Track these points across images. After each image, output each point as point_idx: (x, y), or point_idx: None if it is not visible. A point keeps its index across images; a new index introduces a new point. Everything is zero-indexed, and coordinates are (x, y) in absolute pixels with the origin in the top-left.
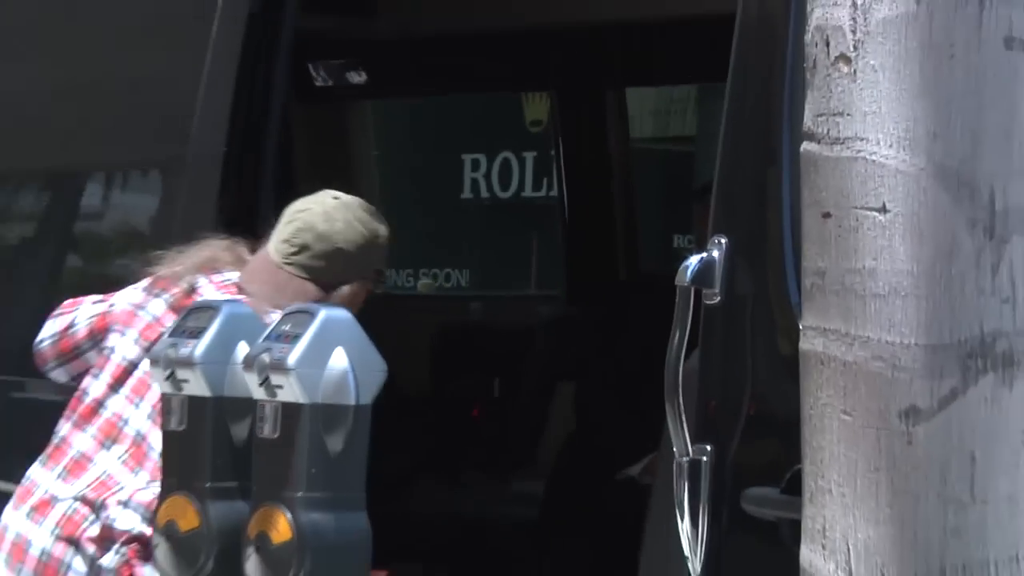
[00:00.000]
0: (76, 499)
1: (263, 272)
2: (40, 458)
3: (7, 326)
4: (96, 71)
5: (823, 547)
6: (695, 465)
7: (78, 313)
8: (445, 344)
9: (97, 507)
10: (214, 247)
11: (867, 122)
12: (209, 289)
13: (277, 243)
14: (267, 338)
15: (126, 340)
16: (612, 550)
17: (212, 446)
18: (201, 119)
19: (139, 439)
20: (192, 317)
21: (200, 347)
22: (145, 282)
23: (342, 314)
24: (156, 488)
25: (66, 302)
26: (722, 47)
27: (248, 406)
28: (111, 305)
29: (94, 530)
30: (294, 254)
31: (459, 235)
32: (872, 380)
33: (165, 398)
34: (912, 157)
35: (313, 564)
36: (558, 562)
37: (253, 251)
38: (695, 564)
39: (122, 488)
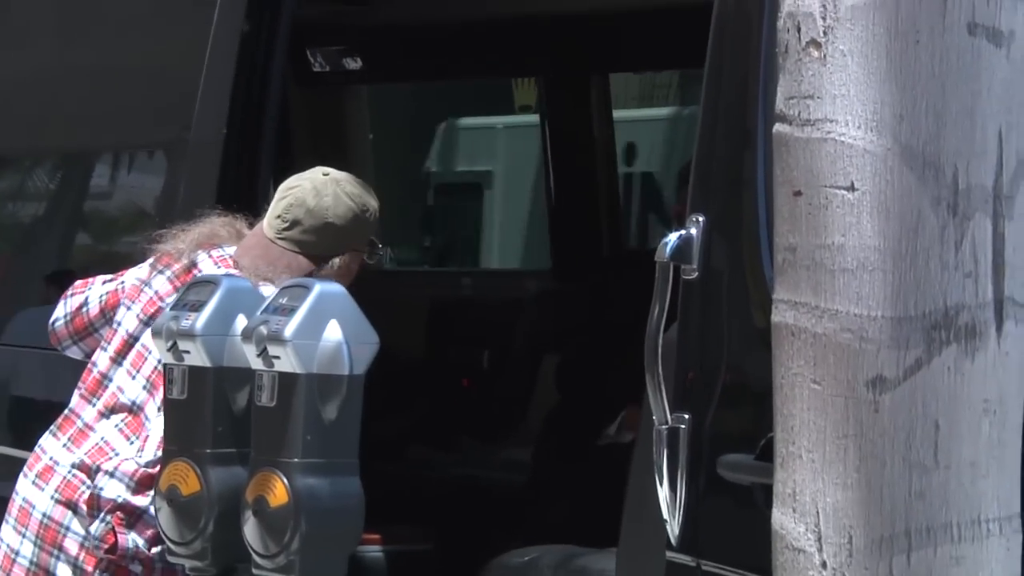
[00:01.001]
0: (75, 466)
1: (257, 247)
2: (51, 428)
3: (18, 302)
4: (100, 56)
5: (793, 510)
6: (673, 433)
7: (90, 292)
8: (437, 317)
9: (93, 472)
10: (214, 223)
11: (836, 104)
12: (208, 264)
13: (270, 219)
14: (264, 311)
15: (130, 314)
16: (595, 513)
17: (212, 414)
18: (202, 103)
19: (136, 409)
20: (193, 291)
21: (201, 319)
22: (151, 259)
23: (336, 288)
24: (141, 458)
25: (77, 282)
26: (702, 34)
27: (247, 376)
28: (122, 282)
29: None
30: (286, 229)
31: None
32: (840, 351)
33: (167, 368)
34: (879, 138)
35: (308, 527)
36: (544, 525)
37: (252, 227)
38: (673, 527)
39: (117, 455)
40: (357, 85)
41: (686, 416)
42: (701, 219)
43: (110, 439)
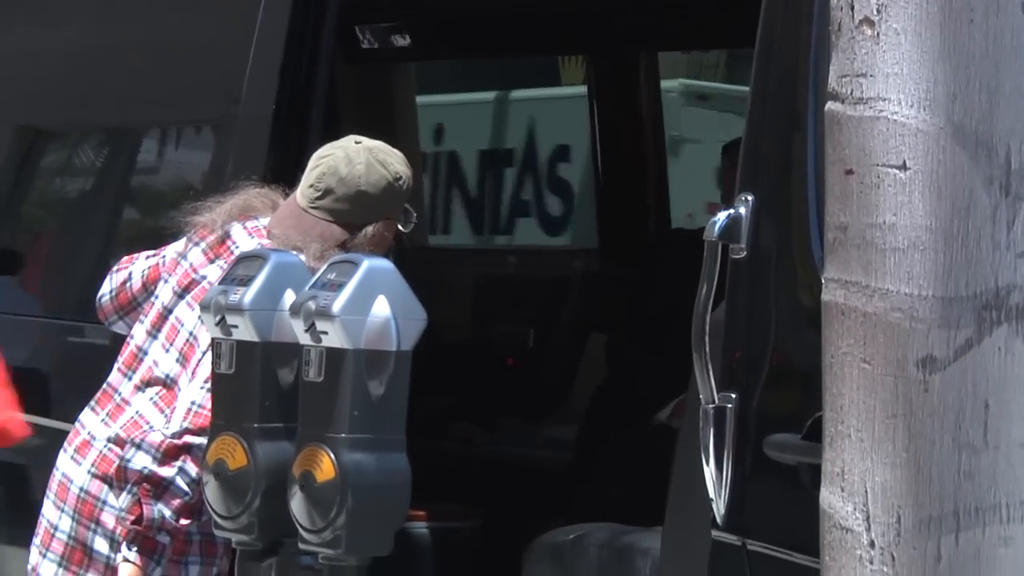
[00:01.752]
0: (111, 440)
1: (290, 217)
2: (91, 403)
3: (71, 276)
4: (152, 33)
5: (842, 489)
6: (720, 412)
7: (134, 268)
8: (483, 295)
9: (127, 446)
10: (249, 194)
11: (889, 83)
12: (242, 234)
13: (303, 188)
14: (313, 286)
15: (167, 287)
16: (639, 493)
17: (260, 389)
18: (252, 79)
19: (170, 383)
20: (242, 265)
21: (249, 294)
22: (189, 232)
23: (384, 264)
24: (168, 429)
25: (123, 258)
26: (751, 12)
27: (294, 351)
28: (163, 256)
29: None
30: (319, 198)
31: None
32: (891, 330)
33: (215, 343)
34: (932, 117)
35: (355, 502)
36: (588, 504)
37: (287, 197)
38: (719, 506)
39: (151, 428)
40: (405, 62)
41: (733, 395)
42: (750, 198)
43: (145, 412)
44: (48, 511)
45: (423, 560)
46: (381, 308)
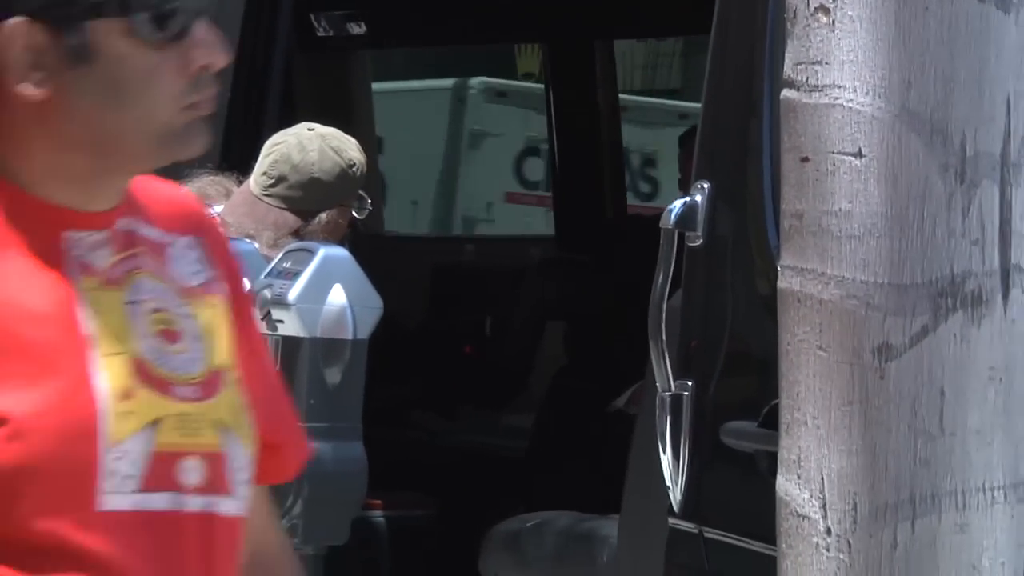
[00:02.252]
0: None
1: (244, 204)
2: None
3: None
4: None
5: (798, 476)
6: (677, 400)
7: None
8: (440, 283)
9: None
10: (203, 182)
11: (844, 70)
12: None
13: (256, 175)
14: (268, 275)
15: None
16: (597, 481)
17: None
18: None
19: None
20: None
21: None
22: None
23: (341, 252)
24: None
25: None
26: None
27: None
28: None
29: None
30: (271, 185)
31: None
32: (847, 317)
33: None
34: (887, 104)
35: (311, 491)
36: (546, 492)
37: (240, 185)
38: (676, 493)
39: None
40: (360, 50)
41: (689, 383)
42: (706, 186)
43: None
44: None
45: (380, 548)
46: (337, 296)
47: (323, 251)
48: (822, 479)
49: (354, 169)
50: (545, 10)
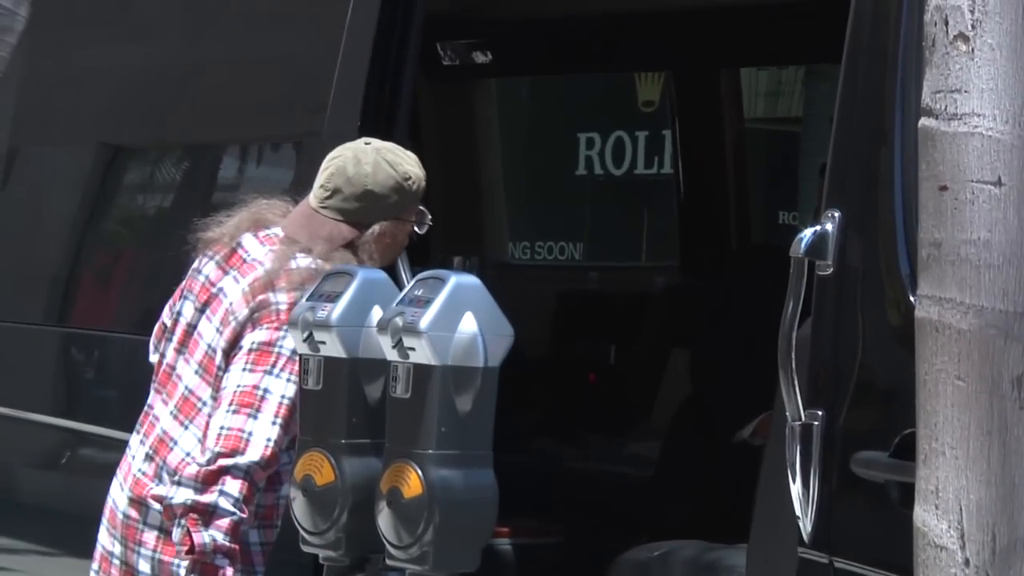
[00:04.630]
0: (144, 458)
1: (301, 218)
2: (136, 426)
3: (154, 293)
4: (239, 50)
5: (936, 507)
6: (807, 429)
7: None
8: (564, 312)
9: (159, 468)
10: (259, 206)
11: (984, 99)
12: (252, 242)
13: (315, 189)
14: (400, 302)
15: (188, 303)
16: (720, 510)
17: (348, 405)
18: (336, 96)
19: (188, 393)
20: (329, 281)
21: (337, 310)
22: (201, 247)
23: (472, 280)
24: (203, 458)
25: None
26: (832, 29)
27: (382, 367)
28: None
29: (160, 490)
30: (328, 198)
31: (573, 209)
32: (985, 347)
33: (303, 359)
34: None
35: (442, 518)
36: (670, 521)
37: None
38: (806, 524)
39: (175, 444)
40: (486, 79)
41: (819, 413)
42: (837, 215)
43: (167, 427)
44: (103, 537)
45: None
46: (468, 324)
47: (454, 279)
48: (960, 510)
49: (410, 182)
50: (672, 38)
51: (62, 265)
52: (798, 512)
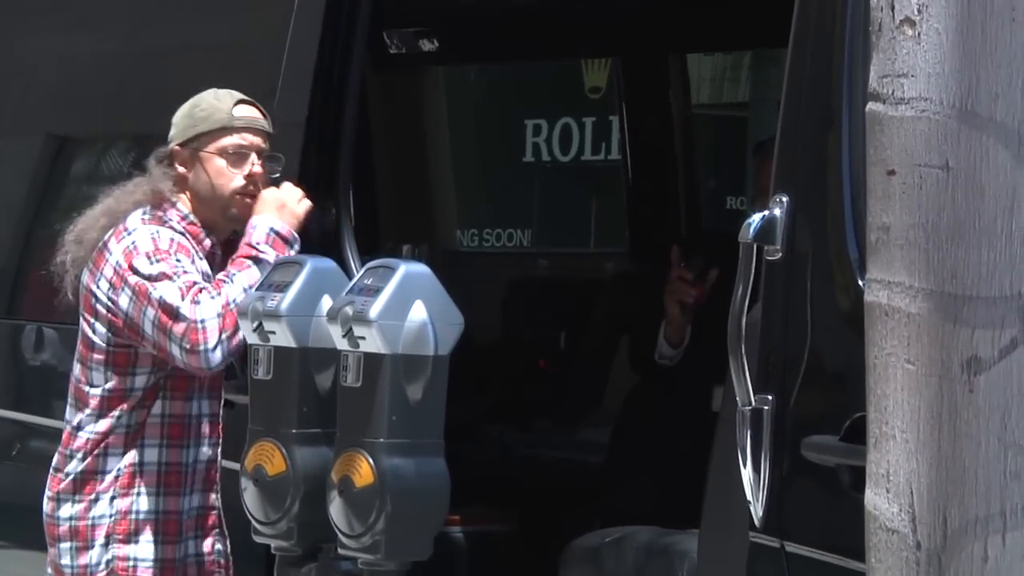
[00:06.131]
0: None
1: None
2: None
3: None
4: (186, 37)
5: (887, 491)
6: (757, 414)
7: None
8: (514, 299)
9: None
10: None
11: (930, 83)
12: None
13: None
14: (350, 291)
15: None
16: (674, 495)
17: (298, 394)
18: (284, 84)
19: (74, 380)
20: (278, 271)
21: (286, 300)
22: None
23: (421, 269)
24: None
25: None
26: (779, 13)
27: (332, 356)
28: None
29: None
30: None
31: (521, 196)
32: (935, 330)
33: (252, 349)
34: (974, 117)
35: (394, 506)
36: (622, 507)
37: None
38: (757, 508)
39: (67, 426)
40: (433, 67)
41: (769, 397)
42: (785, 199)
43: (67, 418)
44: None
45: (459, 564)
46: (418, 313)
47: (404, 267)
48: (912, 493)
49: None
50: (620, 25)
51: (9, 256)
52: (749, 497)
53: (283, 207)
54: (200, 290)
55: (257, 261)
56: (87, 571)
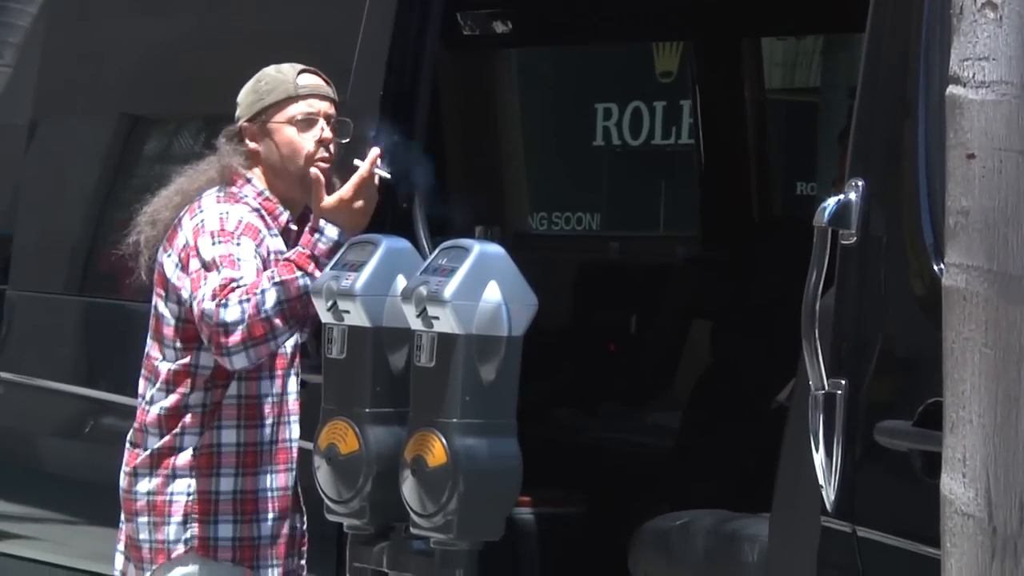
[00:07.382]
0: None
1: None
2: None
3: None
4: (257, 20)
5: (963, 475)
6: (830, 398)
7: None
8: (584, 282)
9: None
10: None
11: (1012, 66)
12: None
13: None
14: (424, 271)
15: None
16: (741, 480)
17: (371, 374)
18: (358, 67)
19: (147, 355)
20: (352, 251)
21: (361, 279)
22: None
23: (496, 249)
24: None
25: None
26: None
27: (406, 336)
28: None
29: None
30: None
31: (591, 180)
32: (1013, 315)
33: (327, 328)
34: None
35: (466, 487)
36: (692, 490)
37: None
38: (829, 493)
39: (141, 401)
40: (505, 49)
41: (843, 382)
42: (860, 184)
43: (140, 391)
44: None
45: (528, 545)
46: (492, 293)
47: (479, 247)
48: (988, 478)
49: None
50: (693, 8)
51: (84, 236)
52: (821, 481)
53: (361, 208)
54: (232, 290)
55: (309, 275)
56: (165, 546)
